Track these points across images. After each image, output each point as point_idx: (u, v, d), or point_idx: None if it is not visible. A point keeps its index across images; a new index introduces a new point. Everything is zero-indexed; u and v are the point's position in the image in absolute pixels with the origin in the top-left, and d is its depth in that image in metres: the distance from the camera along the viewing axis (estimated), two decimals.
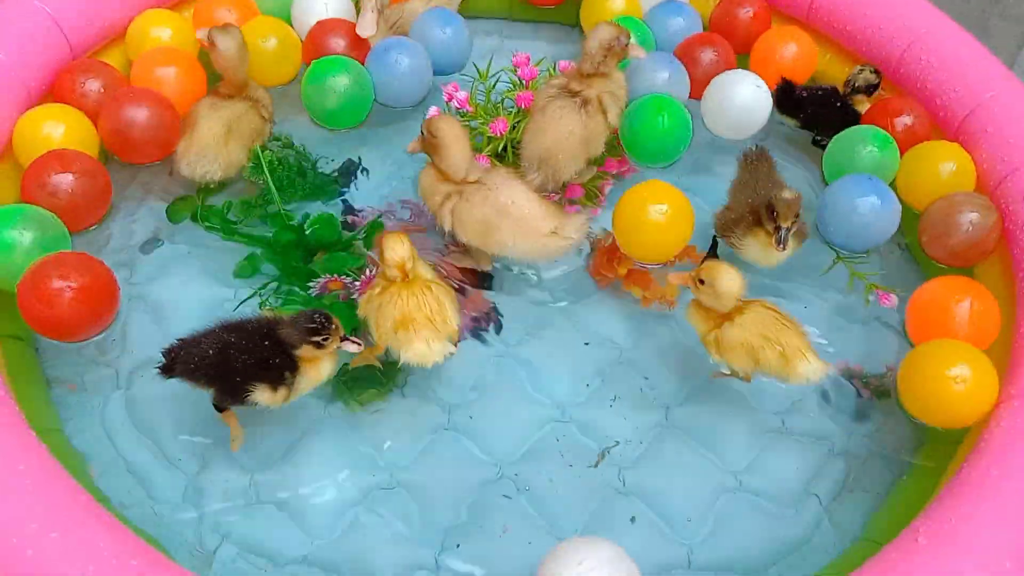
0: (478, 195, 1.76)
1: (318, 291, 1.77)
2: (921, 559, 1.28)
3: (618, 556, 1.27)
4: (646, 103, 1.99)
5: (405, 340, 1.54)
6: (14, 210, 1.68)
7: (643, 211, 1.79)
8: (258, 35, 2.13)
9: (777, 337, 1.56)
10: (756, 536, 1.52)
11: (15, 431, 1.38)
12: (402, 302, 1.57)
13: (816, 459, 1.63)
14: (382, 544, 1.48)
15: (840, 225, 1.87)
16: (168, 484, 1.53)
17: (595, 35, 1.87)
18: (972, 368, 1.55)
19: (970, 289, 1.69)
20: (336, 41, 2.15)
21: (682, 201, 1.80)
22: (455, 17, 2.23)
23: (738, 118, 2.10)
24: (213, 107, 1.93)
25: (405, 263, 1.58)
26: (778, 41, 2.25)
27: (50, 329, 1.63)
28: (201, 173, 1.89)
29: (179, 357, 1.48)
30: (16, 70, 1.90)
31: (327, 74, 2.04)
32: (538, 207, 1.77)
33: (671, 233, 1.81)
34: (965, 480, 1.40)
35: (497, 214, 1.75)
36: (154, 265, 1.85)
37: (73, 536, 1.22)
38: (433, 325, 1.56)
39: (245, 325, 1.52)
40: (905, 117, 2.03)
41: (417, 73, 2.13)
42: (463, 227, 1.78)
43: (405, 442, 1.60)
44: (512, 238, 1.76)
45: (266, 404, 1.49)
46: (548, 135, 1.85)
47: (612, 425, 1.65)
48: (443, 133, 1.75)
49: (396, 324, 1.55)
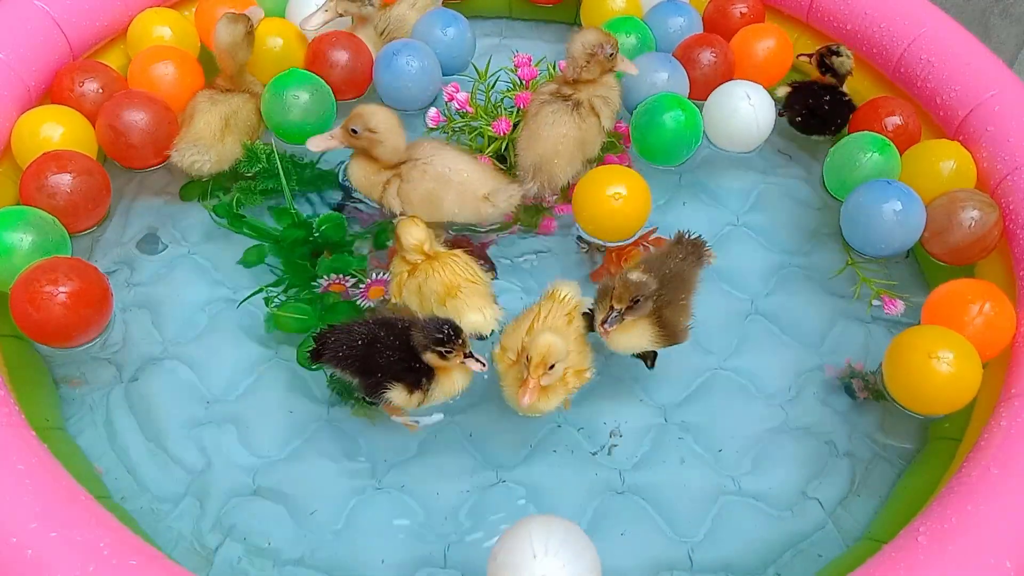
0: (415, 171, 1.81)
1: (321, 291, 1.76)
2: (921, 559, 1.27)
3: (574, 534, 1.24)
4: (657, 102, 1.99)
5: (456, 311, 1.57)
6: (13, 212, 1.68)
7: (601, 192, 1.81)
8: (263, 34, 2.12)
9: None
10: (756, 536, 1.52)
11: (15, 430, 1.38)
12: (439, 274, 1.60)
13: (816, 459, 1.63)
14: (382, 545, 1.48)
15: (866, 231, 1.86)
16: (169, 483, 1.53)
17: (579, 39, 1.85)
18: (955, 352, 1.55)
19: (986, 292, 1.68)
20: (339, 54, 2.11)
21: (638, 182, 1.82)
22: (458, 17, 2.23)
23: (735, 133, 2.09)
24: (211, 100, 1.95)
25: (423, 244, 1.62)
26: (753, 37, 2.26)
27: (42, 335, 1.62)
28: (189, 163, 1.90)
29: (328, 344, 1.49)
30: (16, 70, 1.90)
31: (286, 88, 1.98)
32: (475, 170, 1.84)
33: (629, 214, 1.82)
34: (965, 480, 1.40)
35: (440, 185, 1.80)
36: (154, 264, 1.85)
37: (73, 536, 1.22)
38: (478, 288, 1.59)
39: (395, 323, 1.52)
40: (895, 118, 2.04)
41: (428, 74, 2.12)
42: (411, 207, 1.82)
43: (405, 442, 1.60)
44: (456, 206, 1.82)
45: (399, 404, 1.49)
46: (542, 140, 1.85)
47: (612, 424, 1.65)
48: (385, 125, 1.77)
49: (442, 296, 1.58)
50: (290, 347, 1.71)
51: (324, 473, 1.56)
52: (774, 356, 1.77)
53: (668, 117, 1.97)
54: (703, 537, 1.52)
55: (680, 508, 1.54)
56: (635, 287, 1.51)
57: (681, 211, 2.02)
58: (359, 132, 1.78)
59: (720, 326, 1.80)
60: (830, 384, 1.73)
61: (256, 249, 1.85)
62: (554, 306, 1.58)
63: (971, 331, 1.62)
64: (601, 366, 1.72)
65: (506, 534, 1.25)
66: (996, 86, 1.98)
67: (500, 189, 1.83)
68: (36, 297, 1.56)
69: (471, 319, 1.58)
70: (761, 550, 1.50)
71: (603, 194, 1.81)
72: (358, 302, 1.74)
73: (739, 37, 2.28)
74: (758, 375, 1.73)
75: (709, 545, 1.51)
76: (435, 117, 2.05)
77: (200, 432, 1.60)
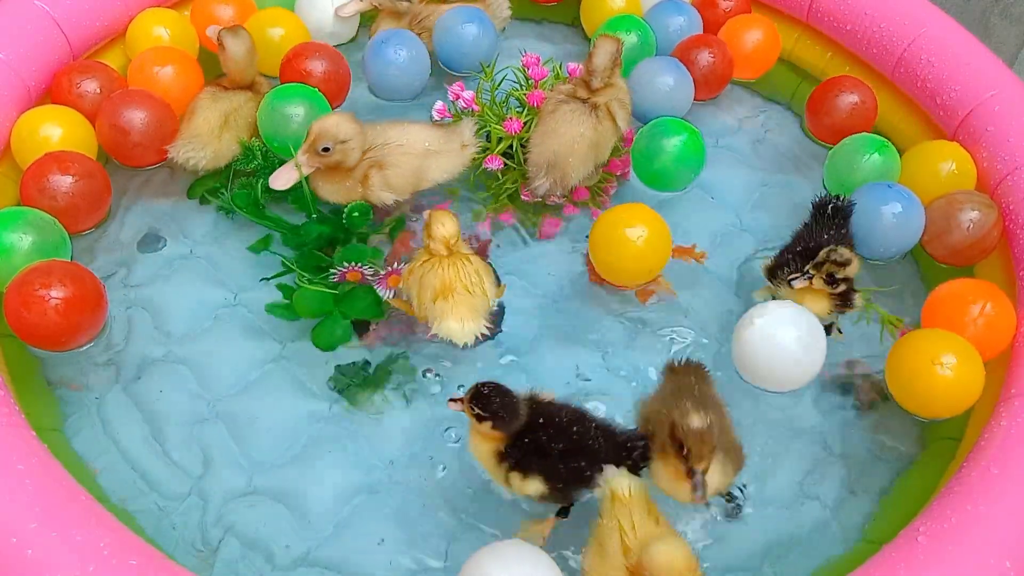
0: (395, 155, 1.84)
1: (337, 279, 1.76)
2: (921, 559, 1.28)
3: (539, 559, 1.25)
4: (658, 127, 1.97)
5: (440, 313, 1.60)
6: (13, 213, 1.68)
7: (619, 234, 1.72)
8: (265, 25, 2.13)
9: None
10: (756, 536, 1.52)
11: (15, 430, 1.38)
12: (443, 272, 1.62)
13: (816, 459, 1.63)
14: (383, 545, 1.48)
15: (866, 234, 1.84)
16: (169, 483, 1.53)
17: (601, 50, 1.85)
18: (958, 356, 1.55)
19: (987, 292, 1.68)
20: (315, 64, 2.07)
21: (659, 224, 1.74)
22: (481, 13, 2.23)
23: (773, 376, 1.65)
24: (213, 97, 1.96)
25: (451, 239, 1.62)
26: (741, 28, 2.27)
27: (34, 339, 1.61)
28: (185, 159, 1.90)
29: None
30: (16, 70, 1.90)
31: (283, 101, 1.95)
32: (441, 131, 1.91)
33: (650, 258, 1.75)
34: (965, 479, 1.40)
35: (425, 158, 1.85)
36: (155, 264, 1.85)
37: (73, 536, 1.22)
38: (470, 296, 1.61)
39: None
40: (851, 95, 2.08)
41: (417, 64, 2.13)
42: (398, 189, 1.85)
43: (406, 442, 1.60)
44: (444, 170, 1.89)
45: None
46: (558, 137, 1.84)
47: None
48: (352, 130, 1.76)
49: (436, 293, 1.60)
50: (290, 347, 1.72)
51: (325, 472, 1.55)
52: None
53: (671, 143, 1.94)
54: (703, 536, 1.51)
55: (680, 507, 1.54)
56: (710, 436, 1.31)
57: (682, 211, 2.02)
58: (332, 148, 1.75)
59: (721, 326, 1.80)
60: (830, 385, 1.73)
61: (264, 239, 1.87)
62: (628, 510, 1.33)
63: (971, 331, 1.62)
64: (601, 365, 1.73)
65: (468, 563, 1.26)
66: (996, 86, 1.98)
67: (463, 130, 1.91)
68: (29, 300, 1.55)
69: (449, 325, 1.60)
70: (761, 550, 1.50)
71: (622, 235, 1.72)
72: (377, 291, 1.74)
73: (727, 29, 2.29)
74: None
75: (709, 544, 1.50)
76: (441, 110, 2.05)
77: (200, 431, 1.60)
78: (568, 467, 1.37)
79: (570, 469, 1.37)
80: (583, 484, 1.39)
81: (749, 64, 2.28)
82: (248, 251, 1.86)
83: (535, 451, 1.37)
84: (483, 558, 1.26)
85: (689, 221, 1.99)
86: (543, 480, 1.37)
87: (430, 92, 2.20)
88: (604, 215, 1.80)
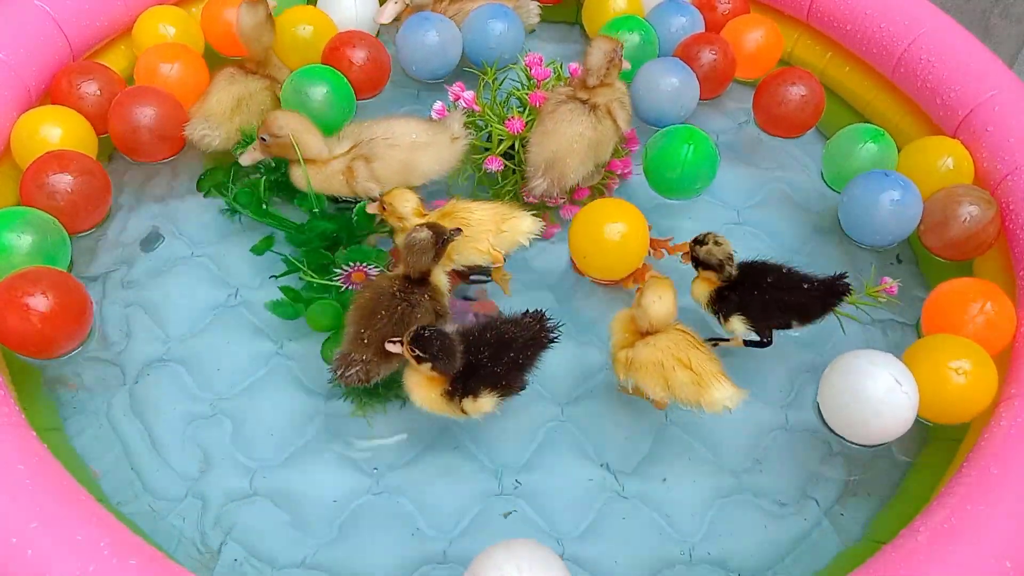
0: (381, 148, 1.84)
1: (343, 281, 1.76)
2: (921, 559, 1.28)
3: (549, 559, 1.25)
4: (670, 135, 1.96)
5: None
6: (13, 212, 1.68)
7: (599, 231, 1.77)
8: (292, 23, 2.15)
9: (689, 360, 1.49)
10: (756, 536, 1.52)
11: (15, 430, 1.38)
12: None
13: (815, 458, 1.63)
14: (382, 547, 1.48)
15: (863, 221, 1.88)
16: (169, 484, 1.53)
17: (596, 49, 1.85)
18: (972, 362, 1.55)
19: (987, 291, 1.68)
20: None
21: (637, 219, 1.78)
22: (509, 11, 2.24)
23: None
24: (230, 79, 1.98)
25: (419, 207, 1.72)
26: (743, 28, 2.27)
27: (16, 346, 1.59)
28: (199, 137, 1.93)
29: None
30: (16, 70, 1.90)
31: (306, 81, 2.00)
32: (428, 124, 1.89)
33: (626, 252, 1.78)
34: (966, 479, 1.40)
35: (413, 152, 1.85)
36: (155, 263, 1.85)
37: (73, 536, 1.22)
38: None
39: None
40: (799, 87, 2.10)
41: (448, 46, 2.18)
42: (385, 181, 1.85)
43: (406, 444, 1.60)
44: (434, 163, 1.88)
45: None
46: (557, 137, 1.84)
47: (612, 424, 1.65)
48: (287, 127, 1.77)
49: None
50: (290, 346, 1.72)
51: (324, 474, 1.55)
52: (774, 356, 1.76)
53: (682, 151, 1.93)
54: (703, 536, 1.52)
55: (679, 507, 1.55)
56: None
57: (682, 211, 2.02)
58: (268, 140, 1.79)
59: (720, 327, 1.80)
60: None
61: (266, 239, 1.87)
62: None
63: (972, 331, 1.63)
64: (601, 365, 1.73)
65: (476, 561, 1.25)
66: (996, 86, 1.98)
67: (450, 122, 1.90)
68: (12, 307, 1.54)
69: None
70: (761, 550, 1.51)
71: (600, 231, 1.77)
72: None
73: (729, 29, 2.29)
74: (759, 375, 1.73)
75: (709, 544, 1.51)
76: (440, 111, 2.05)
77: (201, 432, 1.60)
78: (502, 366, 1.49)
79: (504, 367, 1.49)
80: (522, 370, 1.52)
81: (751, 64, 2.28)
82: (249, 252, 1.86)
83: (470, 373, 1.48)
84: (496, 554, 1.25)
85: (689, 221, 1.99)
86: (490, 390, 1.48)
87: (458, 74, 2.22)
88: (580, 212, 1.83)
